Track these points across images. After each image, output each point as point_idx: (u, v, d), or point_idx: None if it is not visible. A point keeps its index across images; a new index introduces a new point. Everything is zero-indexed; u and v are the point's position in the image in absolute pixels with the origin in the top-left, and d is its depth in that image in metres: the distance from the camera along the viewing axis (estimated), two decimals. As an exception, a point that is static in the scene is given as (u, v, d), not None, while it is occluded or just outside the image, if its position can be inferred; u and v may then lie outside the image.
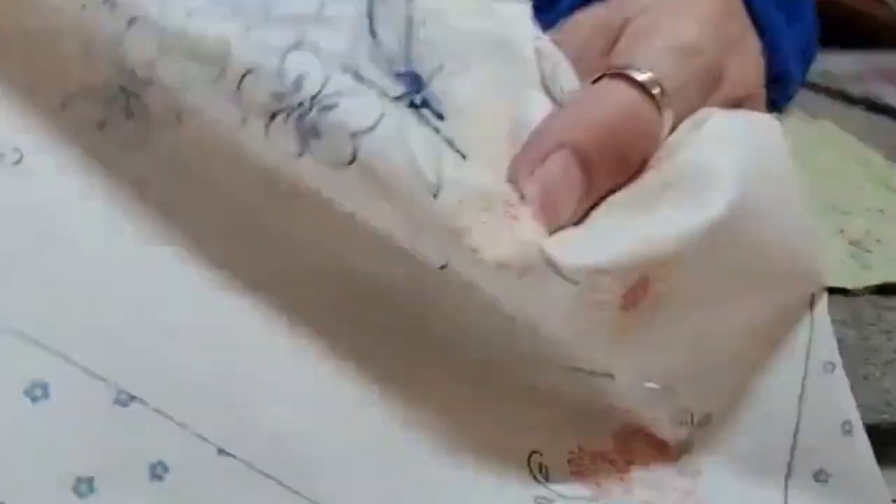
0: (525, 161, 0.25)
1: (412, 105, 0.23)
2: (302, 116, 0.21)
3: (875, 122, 0.56)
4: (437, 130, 0.23)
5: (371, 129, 0.21)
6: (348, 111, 0.21)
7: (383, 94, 0.22)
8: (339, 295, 0.23)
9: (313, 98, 0.21)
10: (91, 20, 0.21)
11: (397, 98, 0.22)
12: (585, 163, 0.25)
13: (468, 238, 0.22)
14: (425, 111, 0.23)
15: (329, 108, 0.21)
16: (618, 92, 0.27)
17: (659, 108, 0.27)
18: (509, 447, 0.24)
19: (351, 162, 0.21)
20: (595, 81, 0.27)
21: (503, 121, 0.25)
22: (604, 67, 0.27)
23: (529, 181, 0.25)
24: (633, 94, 0.26)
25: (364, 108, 0.21)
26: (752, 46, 0.34)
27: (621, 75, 0.27)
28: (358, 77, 0.22)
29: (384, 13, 0.24)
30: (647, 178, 0.26)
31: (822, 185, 0.44)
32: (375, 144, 0.21)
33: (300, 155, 0.21)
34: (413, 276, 0.23)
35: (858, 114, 0.57)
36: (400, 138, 0.21)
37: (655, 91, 0.26)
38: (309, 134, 0.21)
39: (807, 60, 0.42)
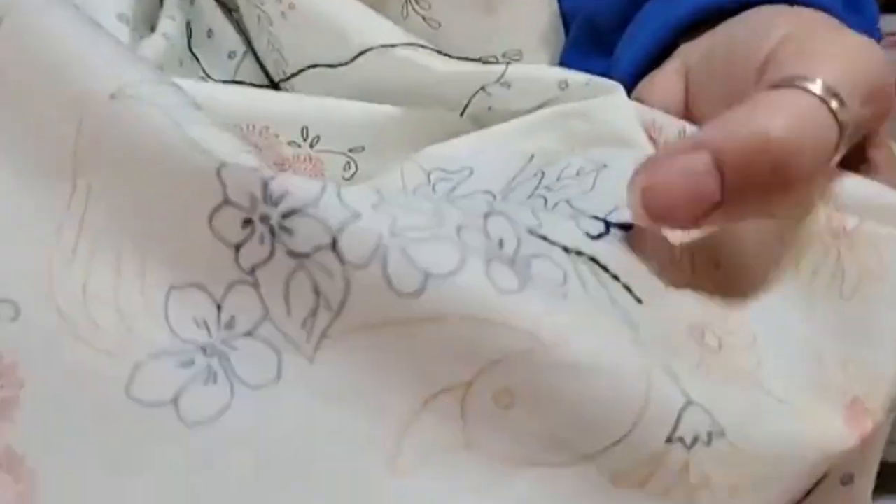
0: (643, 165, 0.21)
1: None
2: (511, 266, 0.21)
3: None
4: (616, 278, 0.22)
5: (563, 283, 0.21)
6: (543, 268, 0.21)
7: (565, 250, 0.22)
8: None
9: (514, 257, 0.21)
10: None
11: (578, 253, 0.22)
12: (726, 170, 0.21)
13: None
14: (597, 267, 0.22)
15: (528, 265, 0.21)
16: (786, 101, 0.22)
17: (839, 124, 0.21)
18: None
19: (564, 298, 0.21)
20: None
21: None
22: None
23: (637, 178, 0.21)
24: (805, 101, 0.21)
25: (552, 269, 0.21)
26: None
27: (787, 86, 0.22)
28: (543, 238, 0.22)
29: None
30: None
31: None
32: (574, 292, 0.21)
33: (521, 289, 0.20)
34: None
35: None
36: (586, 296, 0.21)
37: (834, 105, 0.22)
38: (523, 276, 0.20)
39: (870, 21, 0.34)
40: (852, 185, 0.24)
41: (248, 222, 0.20)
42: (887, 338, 0.23)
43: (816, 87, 0.22)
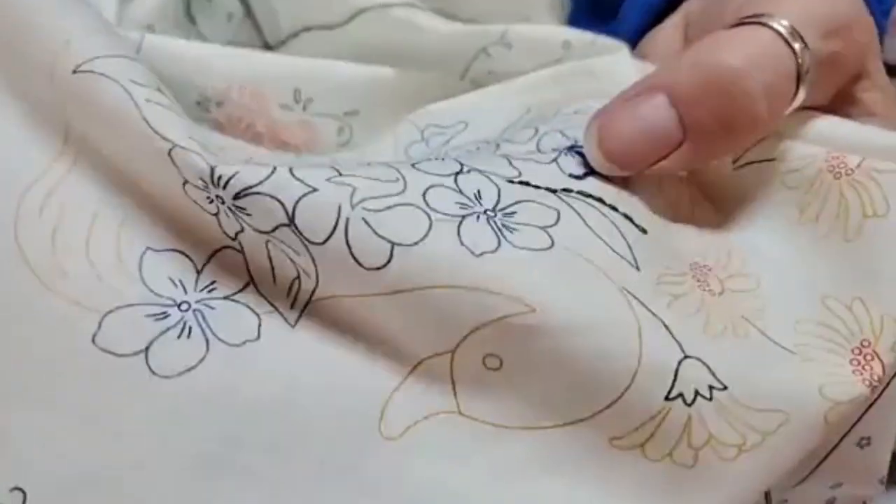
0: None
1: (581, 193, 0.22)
2: (490, 220, 0.20)
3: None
4: (615, 208, 0.21)
5: (556, 223, 0.20)
6: (530, 211, 0.20)
7: (552, 191, 0.21)
8: None
9: (494, 208, 0.20)
10: None
11: (566, 190, 0.21)
12: (682, 106, 0.21)
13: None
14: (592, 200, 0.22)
15: (511, 213, 0.20)
16: (744, 35, 0.21)
17: (798, 63, 0.21)
18: None
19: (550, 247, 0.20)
20: None
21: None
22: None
23: (592, 124, 0.21)
24: (761, 34, 0.21)
25: (541, 210, 0.21)
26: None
27: (751, 23, 0.22)
28: (525, 183, 0.21)
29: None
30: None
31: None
32: (568, 237, 0.20)
33: (498, 248, 0.19)
34: None
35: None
36: (586, 228, 0.21)
37: (797, 45, 0.21)
38: (503, 231, 0.20)
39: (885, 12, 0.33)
40: (848, 128, 0.24)
41: (210, 200, 0.20)
42: (892, 275, 0.22)
43: (774, 22, 0.21)
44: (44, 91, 0.21)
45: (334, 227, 0.19)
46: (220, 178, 0.19)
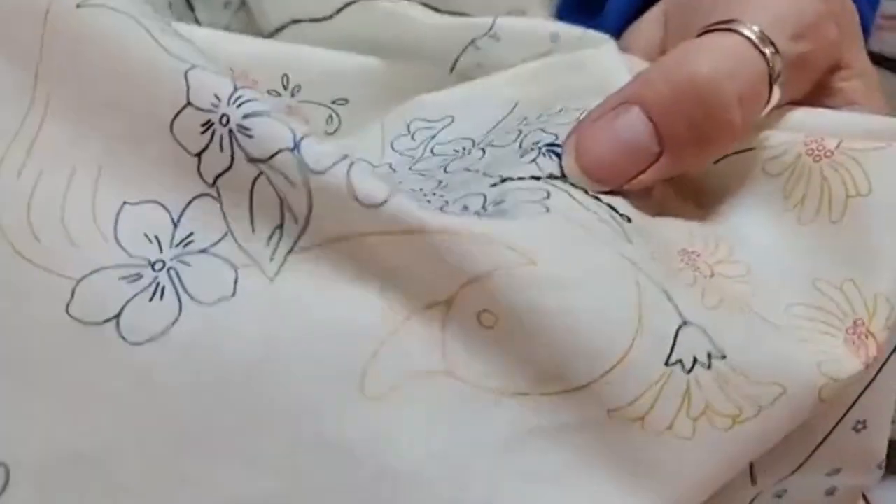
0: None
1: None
2: (485, 206, 0.20)
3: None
4: (598, 199, 0.21)
5: (547, 198, 0.20)
6: (520, 193, 0.21)
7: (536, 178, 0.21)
8: None
9: (483, 206, 0.21)
10: None
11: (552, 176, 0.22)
12: (657, 117, 0.21)
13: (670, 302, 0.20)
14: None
15: (501, 202, 0.20)
16: (715, 43, 0.22)
17: (770, 67, 0.22)
18: None
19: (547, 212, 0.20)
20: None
21: None
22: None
23: (568, 141, 0.21)
24: (729, 41, 0.21)
25: (531, 191, 0.21)
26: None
27: (722, 30, 0.22)
28: (509, 178, 0.21)
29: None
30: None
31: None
32: (562, 208, 0.20)
33: (495, 208, 0.20)
34: None
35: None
36: (577, 203, 0.21)
37: (767, 50, 0.22)
38: (500, 214, 0.20)
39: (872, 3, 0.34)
40: (824, 116, 0.24)
41: (207, 126, 0.19)
42: (881, 253, 0.22)
43: (744, 28, 0.22)
44: (17, 38, 0.20)
45: (339, 160, 0.18)
46: (239, 97, 0.19)
